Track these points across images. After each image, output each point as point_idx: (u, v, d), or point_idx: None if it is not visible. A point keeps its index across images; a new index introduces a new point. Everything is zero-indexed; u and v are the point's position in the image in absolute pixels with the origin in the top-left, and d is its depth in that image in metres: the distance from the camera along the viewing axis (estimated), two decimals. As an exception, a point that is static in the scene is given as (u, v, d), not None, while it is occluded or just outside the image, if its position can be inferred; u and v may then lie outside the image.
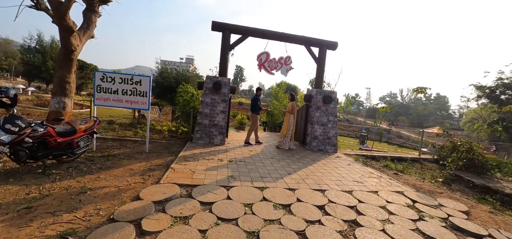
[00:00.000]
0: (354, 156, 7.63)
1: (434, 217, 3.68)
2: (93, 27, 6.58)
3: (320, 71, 7.85)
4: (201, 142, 7.04)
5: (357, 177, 5.32)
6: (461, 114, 70.72)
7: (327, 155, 7.26)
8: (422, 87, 8.79)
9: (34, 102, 17.42)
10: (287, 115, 7.42)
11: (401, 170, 6.80)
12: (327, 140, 7.70)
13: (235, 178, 4.38)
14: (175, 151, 6.22)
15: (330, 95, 7.59)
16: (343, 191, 4.31)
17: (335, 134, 7.77)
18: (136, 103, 5.75)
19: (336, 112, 7.77)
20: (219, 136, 7.09)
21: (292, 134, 7.39)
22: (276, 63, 7.57)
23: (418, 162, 8.35)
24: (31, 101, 18.27)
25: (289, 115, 7.37)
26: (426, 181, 5.90)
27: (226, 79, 7.12)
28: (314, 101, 7.71)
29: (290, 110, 7.34)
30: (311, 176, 5.00)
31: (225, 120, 7.11)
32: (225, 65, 7.22)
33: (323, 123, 7.66)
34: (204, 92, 7.03)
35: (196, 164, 5.03)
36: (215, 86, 6.84)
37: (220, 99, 7.08)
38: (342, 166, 6.16)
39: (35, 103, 17.15)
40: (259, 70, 7.54)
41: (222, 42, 7.16)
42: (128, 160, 5.25)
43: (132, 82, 5.68)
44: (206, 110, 7.04)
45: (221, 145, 7.04)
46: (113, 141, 6.93)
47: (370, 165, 6.85)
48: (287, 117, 7.41)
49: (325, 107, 7.68)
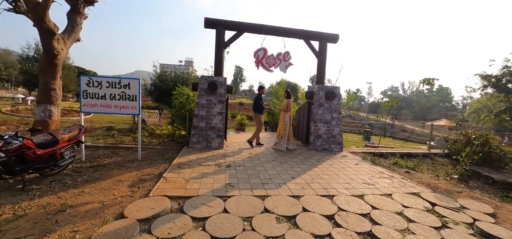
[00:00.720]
0: (361, 154, 7.20)
1: (459, 222, 3.25)
2: (78, 30, 6.19)
3: (321, 66, 7.42)
4: (198, 146, 6.64)
5: (367, 178, 4.89)
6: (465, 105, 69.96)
7: (333, 154, 6.83)
8: (429, 79, 8.33)
9: (33, 111, 17.26)
10: (282, 114, 6.98)
11: (412, 167, 6.37)
12: (332, 139, 7.27)
13: (233, 186, 3.97)
14: (170, 157, 5.83)
15: (333, 91, 7.17)
16: (354, 195, 3.89)
17: (340, 131, 7.34)
18: (125, 108, 5.36)
19: (340, 109, 7.35)
20: (217, 139, 6.68)
21: (289, 134, 6.97)
22: (274, 60, 7.15)
23: (428, 157, 7.91)
24: (30, 110, 18.16)
25: (284, 114, 6.94)
26: (441, 179, 5.46)
27: (222, 78, 6.72)
28: (316, 98, 7.29)
29: (285, 109, 6.91)
30: (317, 179, 4.58)
31: (222, 122, 6.70)
32: (220, 64, 6.81)
33: (326, 120, 7.23)
34: (199, 94, 6.63)
35: (191, 172, 4.63)
36: (210, 87, 6.44)
37: (217, 100, 6.67)
38: (350, 166, 5.73)
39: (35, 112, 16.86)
40: (257, 68, 7.13)
41: (216, 40, 6.75)
42: (118, 169, 4.86)
43: (120, 86, 5.29)
44: (202, 113, 6.64)
45: (220, 148, 6.63)
46: (105, 149, 6.55)
47: (378, 163, 6.41)
48: (283, 116, 6.96)
49: (328, 103, 7.25)
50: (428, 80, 8.29)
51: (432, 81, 8.25)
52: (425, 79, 8.33)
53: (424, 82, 8.35)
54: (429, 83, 8.30)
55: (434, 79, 8.22)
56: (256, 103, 7.11)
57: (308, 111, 7.64)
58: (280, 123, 7.00)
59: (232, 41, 6.91)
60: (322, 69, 7.42)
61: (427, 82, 8.27)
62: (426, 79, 8.33)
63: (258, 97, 7.14)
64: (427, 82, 8.27)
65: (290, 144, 7.02)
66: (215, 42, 6.77)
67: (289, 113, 6.94)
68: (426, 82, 8.29)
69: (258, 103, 7.06)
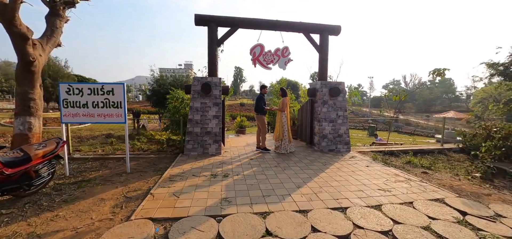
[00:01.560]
0: (371, 154, 6.65)
1: (500, 237, 2.70)
2: (58, 34, 5.71)
3: (323, 60, 6.89)
4: (193, 153, 6.13)
5: (381, 182, 4.35)
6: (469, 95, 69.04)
7: (340, 155, 6.30)
8: (439, 69, 7.75)
9: None
10: (279, 115, 6.43)
11: (427, 166, 5.82)
12: (338, 138, 6.73)
13: (230, 201, 3.45)
14: (163, 167, 5.32)
15: (337, 87, 6.63)
16: (370, 206, 3.35)
17: (346, 130, 6.80)
18: (110, 117, 4.86)
19: (346, 105, 6.81)
20: (214, 145, 6.17)
21: (288, 135, 6.44)
22: (272, 56, 6.62)
23: (442, 154, 7.35)
24: None
25: (280, 114, 6.40)
26: (462, 179, 4.91)
27: (217, 79, 6.20)
28: (319, 95, 6.75)
29: (281, 108, 6.37)
30: (325, 187, 4.05)
31: (219, 126, 6.19)
32: (214, 63, 6.30)
33: (331, 119, 6.70)
34: (193, 97, 6.13)
35: (183, 185, 4.11)
36: (204, 89, 5.92)
37: (212, 102, 6.16)
38: (360, 168, 5.19)
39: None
40: (254, 66, 6.61)
41: (209, 38, 6.24)
42: (102, 185, 4.36)
43: (103, 92, 4.79)
44: (196, 117, 6.13)
45: (217, 155, 6.12)
46: (93, 161, 6.07)
47: (391, 163, 5.87)
48: (279, 117, 6.41)
49: (332, 101, 6.71)
50: (438, 71, 7.72)
51: (443, 71, 7.67)
52: (435, 70, 7.75)
53: (434, 73, 7.78)
54: (440, 74, 7.73)
55: (445, 69, 7.64)
56: (258, 104, 6.55)
57: (311, 110, 7.11)
58: (276, 124, 6.46)
59: (226, 38, 6.40)
60: (324, 64, 6.89)
61: (438, 73, 7.69)
62: (436, 70, 7.75)
63: (260, 98, 6.58)
64: (438, 73, 7.69)
65: (290, 146, 6.50)
66: (207, 41, 6.26)
67: (286, 112, 6.41)
68: (437, 73, 7.71)
69: (260, 104, 6.51)
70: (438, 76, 7.78)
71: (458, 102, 68.03)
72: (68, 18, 6.09)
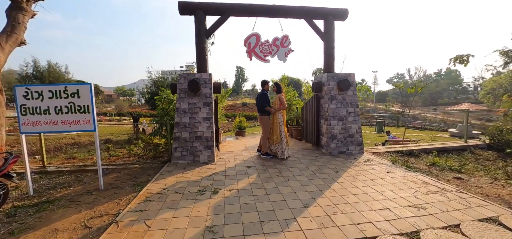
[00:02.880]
0: (388, 156, 5.76)
1: None
2: (21, 30, 4.93)
3: (329, 49, 6.00)
4: (182, 161, 5.31)
5: (410, 195, 3.47)
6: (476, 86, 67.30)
7: (353, 159, 5.41)
8: (462, 56, 6.81)
9: None
10: (276, 115, 5.55)
11: (457, 168, 4.91)
12: (350, 139, 5.84)
13: (215, 233, 2.60)
14: (144, 181, 4.51)
15: (346, 80, 5.73)
16: (404, 234, 2.48)
17: (358, 129, 5.90)
18: (76, 124, 4.06)
19: (357, 101, 5.91)
20: (205, 151, 5.34)
21: (286, 137, 5.58)
22: (270, 47, 5.76)
23: (468, 151, 6.43)
24: None
25: (277, 113, 5.51)
26: (506, 186, 3.99)
27: (206, 75, 5.36)
28: (326, 89, 5.86)
29: (278, 107, 5.49)
30: (341, 204, 3.18)
31: (211, 129, 5.35)
32: (203, 57, 5.46)
33: (341, 116, 5.81)
34: (179, 96, 5.30)
35: (161, 207, 3.28)
36: (191, 87, 5.08)
37: (201, 102, 5.32)
38: (380, 176, 4.31)
39: None
40: (249, 58, 5.75)
41: (196, 28, 5.39)
42: (65, 208, 3.55)
43: (67, 94, 3.99)
44: (184, 120, 5.30)
45: (209, 162, 5.29)
46: (69, 174, 5.29)
47: (414, 167, 4.98)
48: (276, 118, 5.53)
49: (341, 95, 5.82)
50: (461, 58, 6.77)
51: (467, 58, 6.72)
52: (458, 56, 6.81)
53: (456, 60, 6.83)
54: (463, 61, 6.78)
55: (469, 55, 6.70)
56: (261, 103, 5.59)
57: (317, 107, 6.23)
58: (273, 125, 5.57)
59: (216, 28, 5.55)
60: (331, 54, 6.00)
61: (461, 60, 6.75)
62: (458, 57, 6.81)
63: (262, 95, 5.59)
64: (461, 60, 6.75)
65: (288, 149, 5.64)
66: (195, 31, 5.42)
67: (282, 111, 5.55)
68: (459, 61, 6.77)
69: (263, 103, 5.54)
70: (461, 63, 6.84)
71: (465, 94, 66.38)
72: (35, 13, 5.30)
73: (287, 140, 5.59)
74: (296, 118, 8.51)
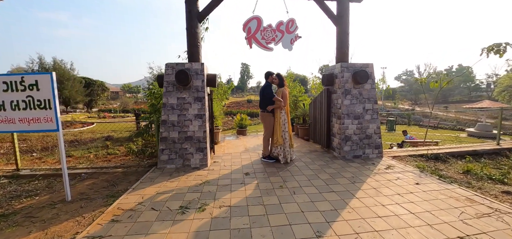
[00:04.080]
0: (412, 161, 4.89)
1: None
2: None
3: (343, 35, 5.13)
4: (170, 166, 4.56)
5: (455, 219, 2.62)
6: (490, 83, 64.95)
7: (371, 164, 4.57)
8: (498, 44, 5.84)
9: None
10: (276, 112, 4.74)
11: (499, 178, 4.04)
12: (367, 140, 4.99)
13: (189, 280, 1.83)
14: (121, 190, 3.78)
15: (364, 70, 4.85)
16: None
17: (377, 129, 5.03)
18: (37, 122, 3.33)
19: (375, 96, 5.04)
20: (197, 155, 4.57)
21: (290, 138, 4.76)
22: (273, 32, 4.93)
23: (501, 155, 5.54)
24: None
25: (279, 111, 4.70)
26: None
27: (198, 65, 4.56)
28: (339, 82, 5.01)
29: (280, 104, 4.66)
30: (365, 233, 2.36)
31: (204, 129, 4.57)
32: (195, 44, 4.67)
33: (357, 114, 4.95)
34: (166, 90, 4.53)
35: (127, 231, 2.52)
36: (179, 78, 4.30)
37: (192, 97, 4.55)
38: (409, 188, 3.46)
39: None
40: (249, 46, 4.94)
41: (187, 9, 4.59)
42: (14, 227, 2.84)
43: (24, 86, 3.27)
44: (172, 118, 4.54)
45: (201, 167, 4.53)
46: (43, 179, 4.61)
47: (445, 175, 4.12)
48: (278, 116, 4.71)
49: (357, 89, 4.96)
50: (497, 47, 5.80)
51: (504, 48, 5.75)
52: (494, 45, 5.82)
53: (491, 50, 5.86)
54: (499, 51, 5.81)
55: (507, 44, 5.72)
56: (262, 97, 4.77)
57: (327, 103, 5.38)
58: (275, 125, 4.75)
59: (211, 10, 4.74)
60: (344, 41, 5.13)
61: (497, 50, 5.77)
62: (494, 45, 5.84)
63: (265, 88, 4.76)
64: (497, 49, 5.78)
65: (292, 152, 4.83)
66: (185, 13, 4.62)
67: (286, 108, 4.74)
68: (495, 50, 5.80)
69: (264, 96, 4.72)
70: (496, 53, 5.87)
71: (478, 91, 64.13)
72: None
73: (291, 141, 4.76)
74: (302, 116, 7.67)
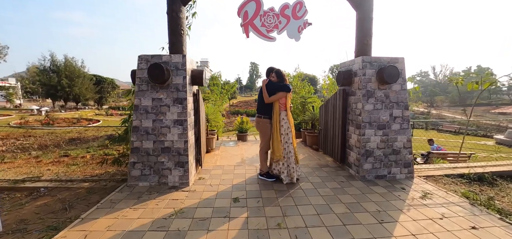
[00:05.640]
0: (450, 183, 3.78)
1: None
2: None
3: (365, 21, 4.05)
4: (143, 183, 3.63)
5: None
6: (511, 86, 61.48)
7: (400, 190, 3.49)
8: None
9: (43, 122, 17.04)
10: (275, 117, 3.66)
11: None
12: (393, 157, 3.89)
13: None
14: (72, 216, 2.89)
15: (394, 66, 3.73)
16: None
17: (407, 142, 3.92)
18: None
19: (406, 99, 3.94)
20: (176, 170, 3.62)
21: (294, 152, 3.70)
22: (276, 18, 3.91)
23: None
24: (39, 121, 17.46)
25: (278, 115, 3.64)
26: None
27: (179, 57, 3.60)
28: (359, 81, 3.93)
29: (282, 106, 3.67)
30: None
31: (185, 138, 3.61)
32: (177, 31, 3.72)
33: (382, 122, 3.86)
34: (139, 89, 3.61)
35: None
36: (153, 74, 3.35)
37: (171, 99, 3.59)
38: (464, 237, 2.39)
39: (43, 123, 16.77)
40: (245, 35, 3.95)
41: (166, -13, 3.66)
42: None
43: None
44: (146, 123, 3.61)
45: (182, 187, 3.58)
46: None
47: (504, 210, 3.01)
48: (276, 120, 3.66)
49: (383, 91, 3.87)
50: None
51: None
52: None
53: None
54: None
55: None
56: (260, 98, 3.81)
57: (343, 107, 4.31)
58: (273, 133, 3.69)
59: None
60: (367, 28, 4.04)
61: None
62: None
63: (266, 85, 3.70)
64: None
65: (297, 168, 3.80)
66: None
67: (287, 113, 3.72)
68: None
69: (262, 97, 3.74)
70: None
71: (498, 94, 60.74)
72: None
73: (296, 155, 3.73)
74: (311, 121, 6.62)
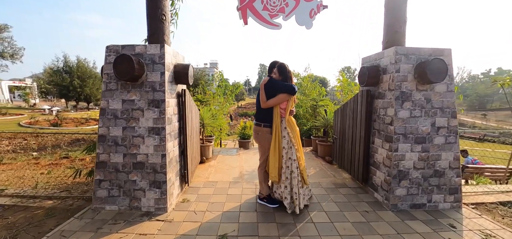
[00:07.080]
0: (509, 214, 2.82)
1: None
2: None
3: (397, 4, 3.16)
4: (110, 207, 2.87)
5: None
6: (535, 88, 58.06)
7: (448, 228, 2.56)
8: None
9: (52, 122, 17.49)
10: (277, 123, 2.80)
11: None
12: (435, 180, 2.96)
13: None
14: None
15: (440, 60, 2.80)
16: None
17: (454, 160, 2.98)
18: None
19: (454, 104, 3.00)
20: (150, 192, 2.84)
21: (301, 170, 2.83)
22: (281, 0, 3.09)
23: None
24: (48, 121, 17.89)
25: (279, 123, 2.80)
26: None
27: (155, 48, 2.82)
28: (390, 80, 3.03)
29: (283, 112, 2.85)
30: None
31: (162, 151, 2.82)
32: (156, 17, 2.94)
33: (420, 134, 2.94)
34: (106, 88, 2.85)
35: None
36: (120, 69, 2.58)
37: (145, 101, 2.82)
38: None
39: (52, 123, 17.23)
40: (244, 21, 3.14)
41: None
42: None
43: None
44: (114, 132, 2.85)
45: (157, 213, 2.80)
46: None
47: None
48: (276, 132, 2.80)
49: (423, 92, 2.94)
50: None
51: None
52: None
53: None
54: None
55: None
56: (258, 101, 2.95)
57: (366, 113, 3.41)
58: (273, 144, 2.81)
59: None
60: (400, 12, 3.14)
61: None
62: None
63: (266, 85, 2.83)
64: None
65: (306, 192, 2.93)
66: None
67: (291, 120, 2.87)
68: None
69: (259, 104, 2.92)
70: None
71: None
72: None
73: (303, 176, 2.86)
74: (324, 127, 5.72)
